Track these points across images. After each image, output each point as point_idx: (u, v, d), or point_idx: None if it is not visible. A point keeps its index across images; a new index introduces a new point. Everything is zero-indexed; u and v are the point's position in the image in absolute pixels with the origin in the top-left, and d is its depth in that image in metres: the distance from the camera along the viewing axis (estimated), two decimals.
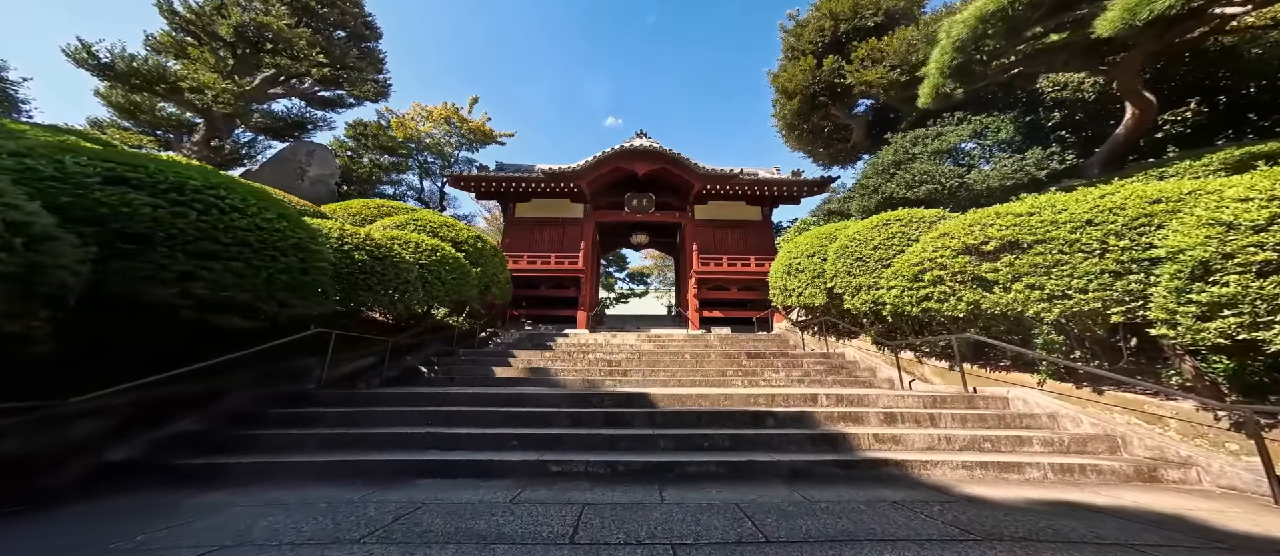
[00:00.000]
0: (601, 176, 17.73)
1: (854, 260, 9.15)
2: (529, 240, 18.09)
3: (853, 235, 9.54)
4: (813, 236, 11.77)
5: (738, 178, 17.01)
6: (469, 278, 10.84)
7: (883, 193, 13.01)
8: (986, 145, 11.81)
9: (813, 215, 17.19)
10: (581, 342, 13.12)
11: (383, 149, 21.81)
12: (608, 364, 9.86)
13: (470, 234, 12.36)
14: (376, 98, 21.35)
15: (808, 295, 11.17)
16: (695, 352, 12.00)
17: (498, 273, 12.79)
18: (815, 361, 9.86)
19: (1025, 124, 12.10)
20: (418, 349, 9.79)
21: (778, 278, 13.32)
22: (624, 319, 21.14)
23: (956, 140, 12.15)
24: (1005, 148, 11.62)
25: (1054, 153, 11.33)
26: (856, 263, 9.05)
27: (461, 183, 17.25)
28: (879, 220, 9.16)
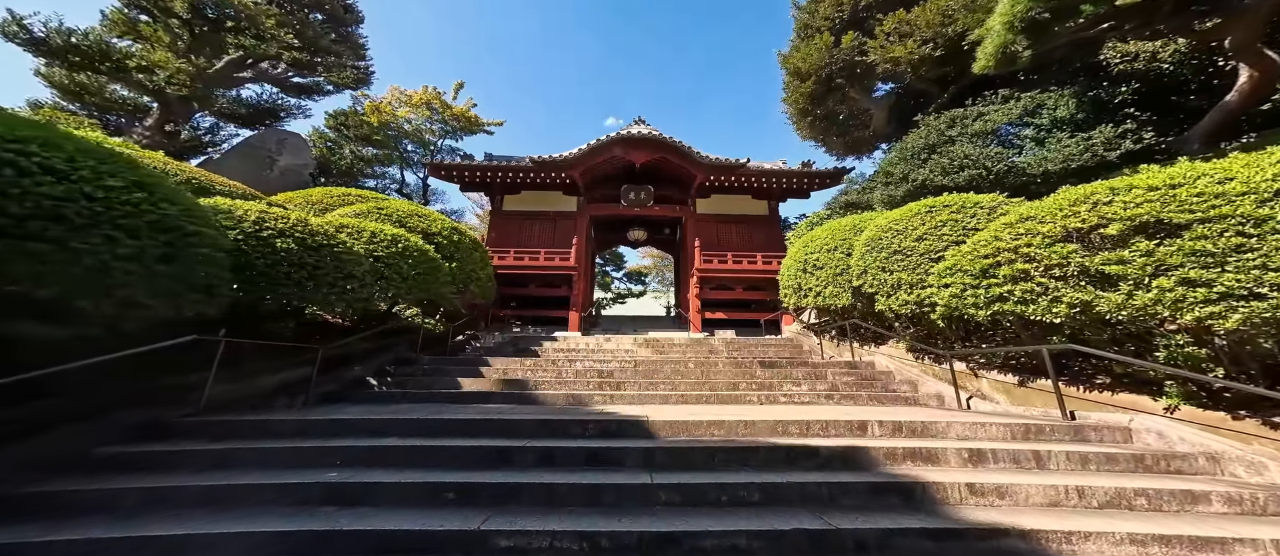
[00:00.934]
0: (596, 167, 16.19)
1: (890, 254, 7.61)
2: (517, 235, 16.53)
3: (886, 225, 8.00)
4: (833, 229, 10.24)
5: (743, 168, 15.48)
6: (440, 273, 9.29)
7: (914, 180, 11.48)
8: (1040, 125, 10.27)
9: (827, 208, 15.71)
10: (571, 347, 11.56)
11: (365, 139, 20.17)
12: (598, 374, 8.31)
13: (445, 225, 10.81)
14: (357, 85, 19.82)
15: (828, 295, 9.63)
16: (699, 359, 10.46)
17: (477, 269, 11.23)
18: (841, 371, 8.31)
19: (1088, 100, 10.64)
20: (374, 355, 8.23)
21: (790, 276, 11.78)
22: (621, 320, 19.61)
23: (1002, 120, 10.62)
24: (1064, 127, 10.08)
25: (1128, 130, 9.88)
26: (894, 257, 7.51)
27: (442, 172, 15.69)
28: (920, 208, 7.63)
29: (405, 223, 10.00)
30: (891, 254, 7.57)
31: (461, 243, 10.95)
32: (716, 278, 15.44)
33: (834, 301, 9.44)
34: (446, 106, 21.98)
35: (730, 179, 16.39)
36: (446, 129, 22.24)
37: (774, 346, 12.13)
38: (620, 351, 11.30)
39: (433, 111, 21.50)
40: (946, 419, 4.99)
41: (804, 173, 15.80)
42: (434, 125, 21.94)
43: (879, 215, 9.17)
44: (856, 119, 18.61)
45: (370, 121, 19.50)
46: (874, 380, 7.82)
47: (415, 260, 8.41)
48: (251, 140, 16.40)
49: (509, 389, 7.30)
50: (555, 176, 16.27)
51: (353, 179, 20.36)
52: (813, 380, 8.01)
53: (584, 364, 8.95)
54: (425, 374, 7.83)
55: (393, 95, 20.56)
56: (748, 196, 17.48)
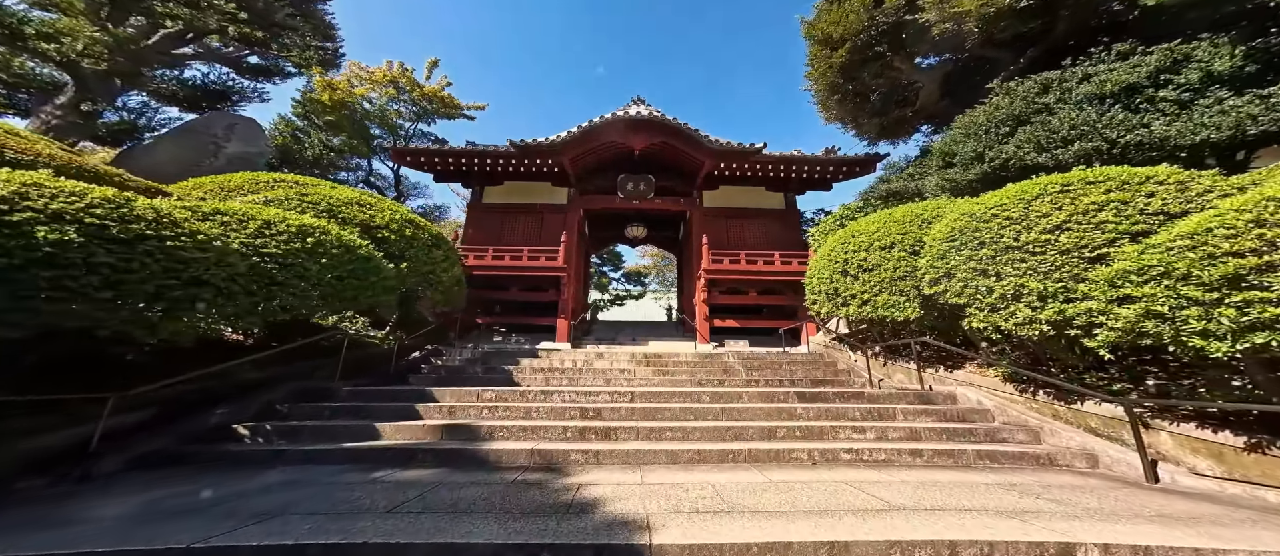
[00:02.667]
0: (589, 153, 13.86)
1: (998, 251, 5.23)
2: (499, 231, 14.17)
3: (984, 213, 5.60)
4: (886, 221, 7.88)
5: (758, 154, 13.15)
6: (378, 275, 6.93)
7: (992, 159, 9.04)
8: (1185, 84, 7.86)
9: (862, 199, 13.36)
10: (554, 367, 9.21)
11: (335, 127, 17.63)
12: (582, 413, 5.95)
13: (396, 217, 8.45)
14: (326, 69, 17.44)
15: (882, 304, 7.27)
16: (713, 384, 8.13)
17: (438, 270, 8.87)
18: (912, 408, 5.91)
19: (1258, 50, 8.09)
20: (268, 387, 5.86)
21: (822, 279, 9.43)
22: (618, 325, 17.28)
23: (1126, 79, 8.24)
24: (1223, 84, 7.67)
25: None
26: (1006, 255, 5.13)
27: (407, 157, 13.31)
28: (1042, 186, 5.20)
29: (337, 212, 7.64)
30: (1001, 251, 5.20)
31: (417, 239, 8.59)
32: (727, 280, 13.11)
33: (890, 313, 7.08)
34: (416, 85, 19.07)
35: (742, 168, 14.05)
36: (418, 111, 19.49)
37: (802, 364, 9.78)
38: (614, 371, 8.96)
39: (400, 91, 18.97)
40: (1184, 512, 2.65)
41: (831, 160, 13.42)
42: (402, 106, 19.51)
43: (958, 202, 6.85)
44: (897, 95, 15.97)
45: (322, 100, 16.93)
46: (967, 424, 5.46)
47: (333, 259, 6.04)
48: (194, 124, 14.03)
49: (449, 441, 4.94)
50: (542, 164, 13.92)
51: (323, 171, 17.98)
52: (876, 420, 5.67)
53: (565, 395, 6.57)
54: (332, 415, 5.45)
55: (352, 72, 17.87)
56: (761, 188, 15.15)
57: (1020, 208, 5.22)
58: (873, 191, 13.25)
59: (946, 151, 10.57)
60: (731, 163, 13.72)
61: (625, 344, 12.83)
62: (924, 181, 11.27)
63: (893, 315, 7.00)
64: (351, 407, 5.60)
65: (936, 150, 11.01)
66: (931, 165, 11.40)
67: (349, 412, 5.52)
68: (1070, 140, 8.32)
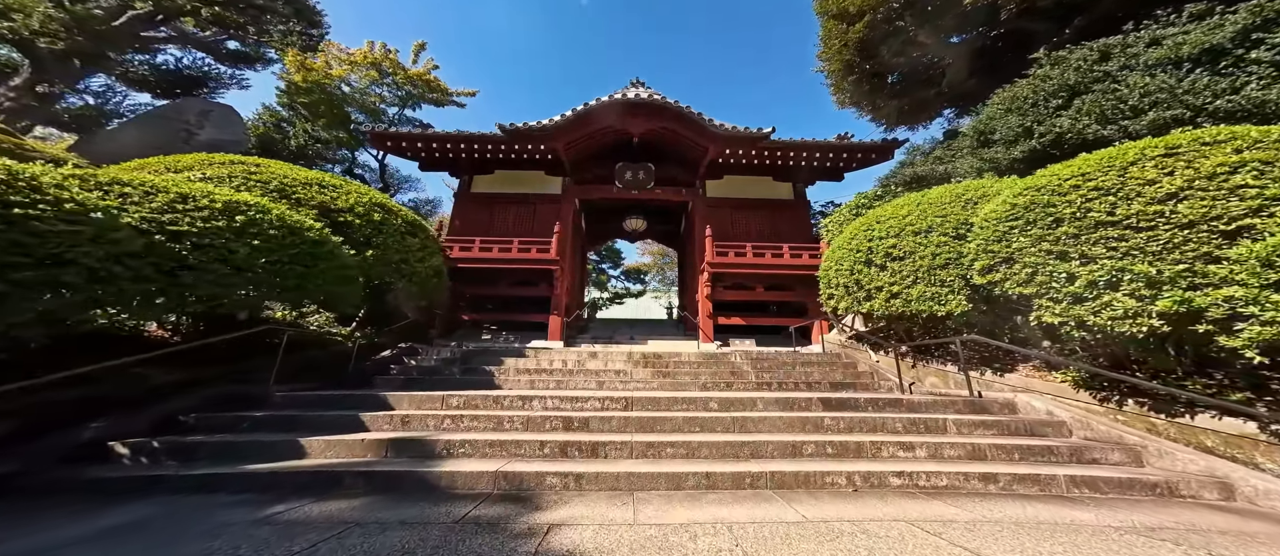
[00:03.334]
0: (585, 139, 12.83)
1: (1085, 228, 4.15)
2: (488, 221, 13.14)
3: (1063, 182, 4.51)
4: (919, 204, 6.80)
5: (765, 140, 12.10)
6: (332, 262, 5.89)
7: (1043, 133, 7.91)
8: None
9: (882, 186, 12.27)
10: (541, 368, 8.17)
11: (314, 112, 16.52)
12: (566, 423, 4.90)
13: (363, 200, 7.41)
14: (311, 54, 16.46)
15: (917, 298, 6.20)
16: (719, 387, 7.11)
17: (412, 260, 7.83)
18: (964, 418, 4.79)
19: None
20: (197, 388, 4.83)
21: (838, 271, 8.38)
22: (616, 323, 16.24)
23: (1208, 40, 7.15)
24: None
25: None
26: (1094, 233, 4.05)
27: (388, 142, 12.28)
28: (1145, 150, 4.12)
29: (291, 193, 6.59)
30: (1088, 228, 4.12)
31: (387, 224, 7.54)
32: (732, 274, 12.05)
33: (927, 307, 6.01)
34: (400, 68, 17.74)
35: (748, 155, 13.02)
36: (403, 96, 18.36)
37: (817, 365, 8.72)
38: (609, 374, 7.91)
39: (383, 74, 17.67)
40: None
41: (845, 146, 12.34)
42: (386, 91, 18.25)
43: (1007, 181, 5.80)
44: (920, 74, 14.79)
45: (295, 80, 15.85)
46: (1041, 439, 4.38)
47: (270, 242, 4.99)
48: (165, 110, 13.03)
49: (392, 461, 3.89)
50: (534, 152, 12.90)
51: (311, 160, 16.94)
52: (923, 433, 4.61)
53: (550, 401, 5.51)
54: (253, 428, 4.37)
55: (330, 52, 16.71)
56: (768, 178, 14.10)
57: (1113, 175, 4.15)
58: (894, 177, 12.12)
59: (982, 130, 9.47)
60: (737, 149, 12.70)
61: (623, 342, 11.78)
62: (955, 164, 10.17)
63: (931, 309, 5.94)
64: (281, 418, 4.54)
65: (970, 130, 9.91)
66: (963, 146, 10.31)
67: (275, 424, 4.45)
68: (1142, 110, 7.23)
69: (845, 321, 10.84)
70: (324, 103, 16.13)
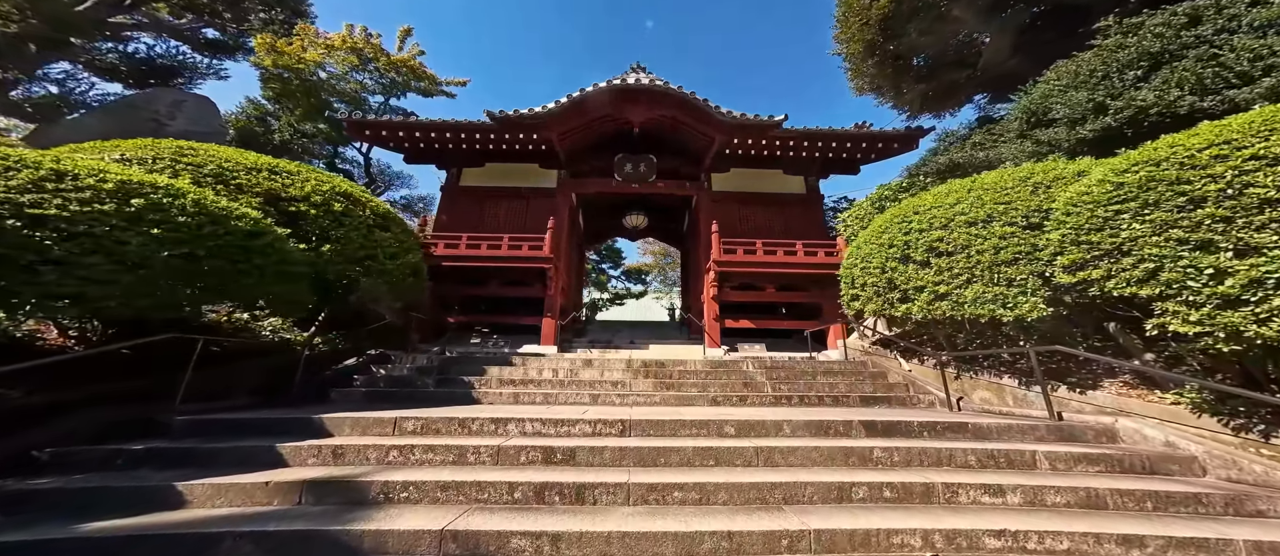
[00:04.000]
0: (581, 129, 11.81)
1: (1243, 208, 3.06)
2: (478, 217, 12.11)
3: (1197, 153, 3.43)
4: (972, 190, 5.72)
5: (776, 128, 11.05)
6: (271, 257, 4.86)
7: (1121, 108, 6.79)
8: None
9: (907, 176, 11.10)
10: (529, 377, 7.15)
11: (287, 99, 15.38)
12: (545, 458, 3.86)
13: (325, 188, 6.38)
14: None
15: (972, 297, 5.09)
16: (733, 400, 6.08)
17: (383, 256, 6.81)
18: (1063, 452, 3.59)
19: None
20: (83, 409, 3.79)
21: (865, 269, 7.31)
22: (615, 326, 15.17)
23: None
24: None
25: None
26: (1256, 215, 3.00)
27: (367, 131, 11.25)
28: None
29: (230, 178, 5.55)
30: (1247, 209, 3.05)
31: (351, 216, 6.49)
32: (741, 273, 10.98)
33: (986, 310, 4.93)
34: (382, 53, 16.39)
35: (758, 146, 11.98)
36: (387, 84, 17.13)
37: (841, 375, 7.67)
38: (605, 385, 6.87)
39: (364, 60, 16.31)
40: None
41: (864, 136, 11.26)
42: (368, 79, 16.87)
43: (1105, 161, 4.74)
44: (951, 55, 13.33)
45: (264, 64, 14.69)
46: (1170, 480, 3.29)
47: (180, 232, 3.95)
48: (133, 100, 12.08)
49: (304, 513, 2.81)
50: (526, 142, 11.88)
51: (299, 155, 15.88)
52: (1006, 470, 3.52)
53: (530, 424, 4.44)
54: (129, 465, 3.22)
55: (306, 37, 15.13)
56: (778, 171, 13.05)
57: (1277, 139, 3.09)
58: (925, 166, 10.91)
59: (1034, 110, 8.35)
60: (746, 139, 11.66)
61: (622, 347, 10.75)
62: (998, 150, 9.02)
63: (993, 313, 4.86)
64: (173, 452, 3.48)
65: (1018, 111, 8.80)
66: (1009, 129, 9.19)
67: (163, 460, 3.41)
68: (1253, 76, 6.17)
69: (866, 324, 9.79)
70: (299, 91, 15.07)
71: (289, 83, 14.80)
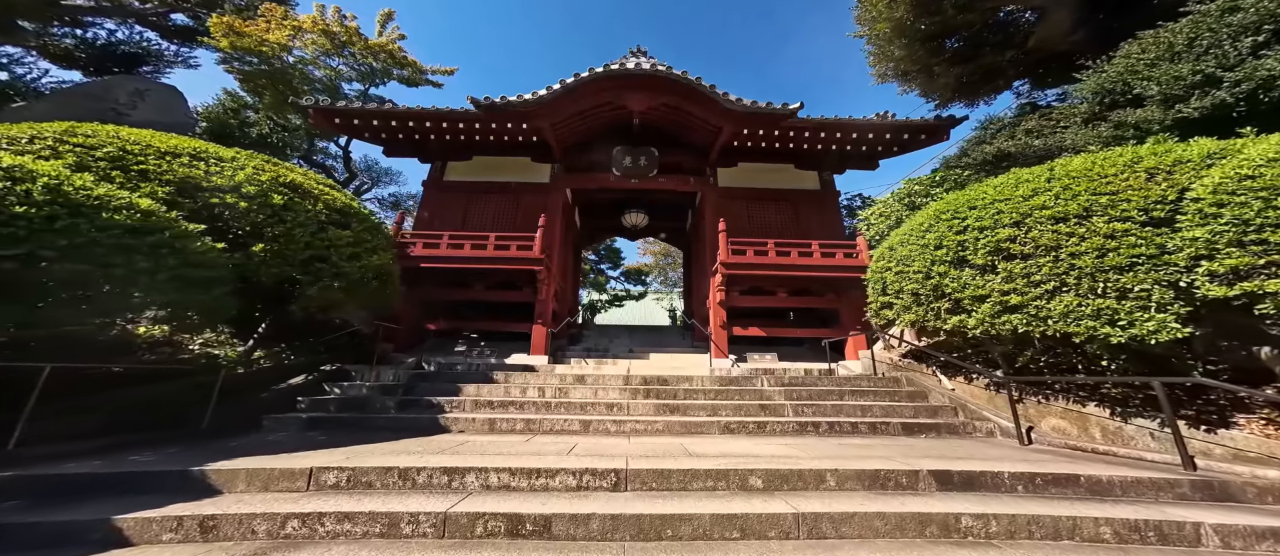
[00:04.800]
0: (576, 118, 10.77)
1: None
2: (463, 214, 11.05)
3: None
4: (1061, 178, 4.53)
5: (791, 118, 9.97)
6: (164, 263, 3.81)
7: (1239, 80, 5.66)
8: None
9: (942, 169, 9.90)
10: (511, 397, 6.08)
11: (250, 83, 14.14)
12: (508, 530, 2.79)
13: (261, 178, 5.32)
14: None
15: (1061, 313, 3.94)
16: (749, 429, 4.98)
17: (337, 257, 5.75)
18: (1234, 526, 2.46)
19: None
20: None
21: (901, 273, 6.24)
22: (614, 330, 14.09)
23: None
24: None
25: None
26: None
27: (337, 119, 10.14)
28: None
29: (131, 164, 4.51)
30: None
31: (294, 209, 5.41)
32: (750, 276, 9.90)
33: (1084, 328, 3.84)
34: (358, 37, 14.90)
35: (769, 138, 10.91)
36: (365, 71, 15.63)
37: (873, 394, 6.59)
38: (599, 409, 5.81)
39: (337, 44, 14.83)
40: None
41: (890, 125, 10.17)
42: (342, 65, 15.32)
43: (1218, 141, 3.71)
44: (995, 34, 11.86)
45: (222, 47, 13.60)
46: None
47: (12, 227, 2.92)
48: (90, 88, 11.06)
49: None
50: (515, 133, 10.84)
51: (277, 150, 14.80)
52: (1160, 545, 2.49)
53: (494, 476, 3.35)
54: None
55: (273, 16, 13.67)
56: (790, 165, 12.00)
57: None
58: (966, 157, 9.63)
59: (1110, 89, 7.21)
60: (756, 130, 10.60)
61: (620, 356, 9.69)
62: (1060, 137, 7.86)
63: (1102, 333, 3.76)
64: None
65: (1087, 91, 7.66)
66: (1073, 113, 8.08)
67: None
68: None
69: (891, 333, 8.72)
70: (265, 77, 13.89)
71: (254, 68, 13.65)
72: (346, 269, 5.80)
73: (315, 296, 5.27)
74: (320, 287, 5.35)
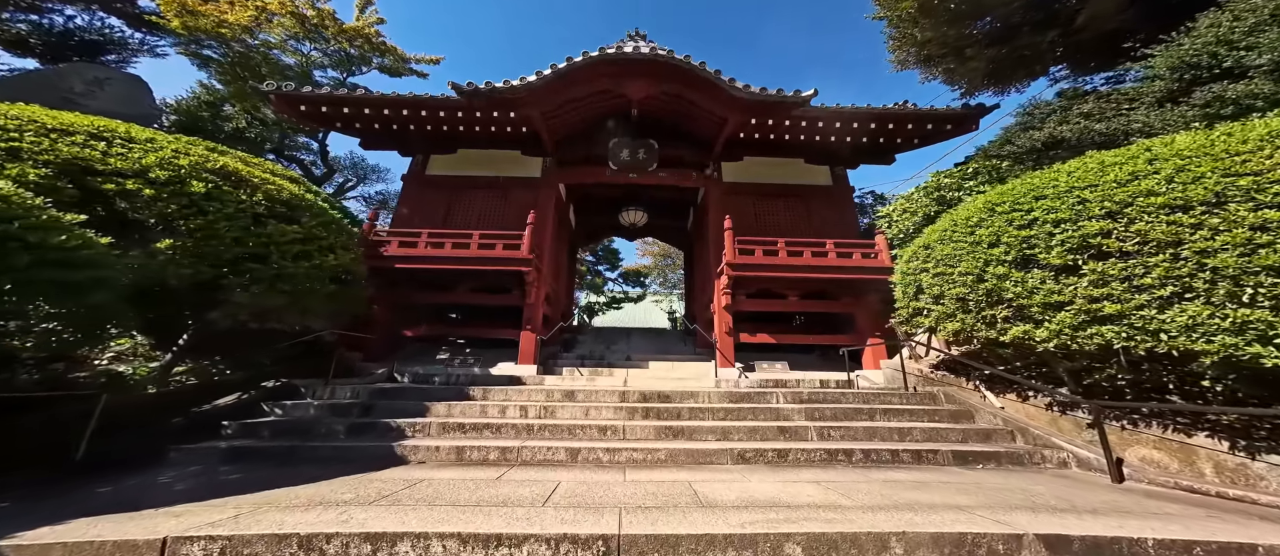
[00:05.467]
0: (569, 107, 9.87)
1: None
2: (445, 211, 10.14)
3: None
4: (1171, 157, 3.59)
5: (805, 107, 9.09)
6: (37, 257, 2.92)
7: None
8: None
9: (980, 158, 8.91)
10: (488, 419, 5.15)
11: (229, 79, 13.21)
12: None
13: (175, 161, 4.43)
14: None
15: (1179, 327, 3.03)
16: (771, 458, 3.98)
17: (277, 258, 4.84)
18: None
19: None
20: None
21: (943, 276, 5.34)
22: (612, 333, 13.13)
23: None
24: None
25: None
26: None
27: (303, 106, 9.10)
28: None
29: (22, 149, 3.63)
30: None
31: (219, 199, 4.50)
32: (759, 277, 8.99)
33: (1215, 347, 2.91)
34: (331, 21, 13.71)
35: (779, 128, 10.02)
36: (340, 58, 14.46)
37: (909, 414, 5.68)
38: (591, 431, 4.89)
39: (307, 27, 13.66)
40: None
41: (912, 115, 9.24)
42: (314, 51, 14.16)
43: None
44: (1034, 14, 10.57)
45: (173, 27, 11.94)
46: None
47: None
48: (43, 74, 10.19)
49: None
50: (503, 123, 9.92)
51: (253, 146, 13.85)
52: None
53: (435, 546, 2.50)
54: None
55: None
56: (799, 160, 11.11)
57: None
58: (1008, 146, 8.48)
59: (1191, 63, 6.30)
60: (764, 120, 9.72)
61: (617, 364, 8.79)
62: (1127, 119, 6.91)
63: (1248, 353, 2.85)
64: None
65: (1164, 65, 6.73)
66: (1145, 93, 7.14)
67: None
68: None
69: (916, 339, 7.83)
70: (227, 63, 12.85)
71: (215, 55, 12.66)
72: (291, 270, 4.88)
73: (247, 302, 4.35)
74: (257, 291, 4.42)
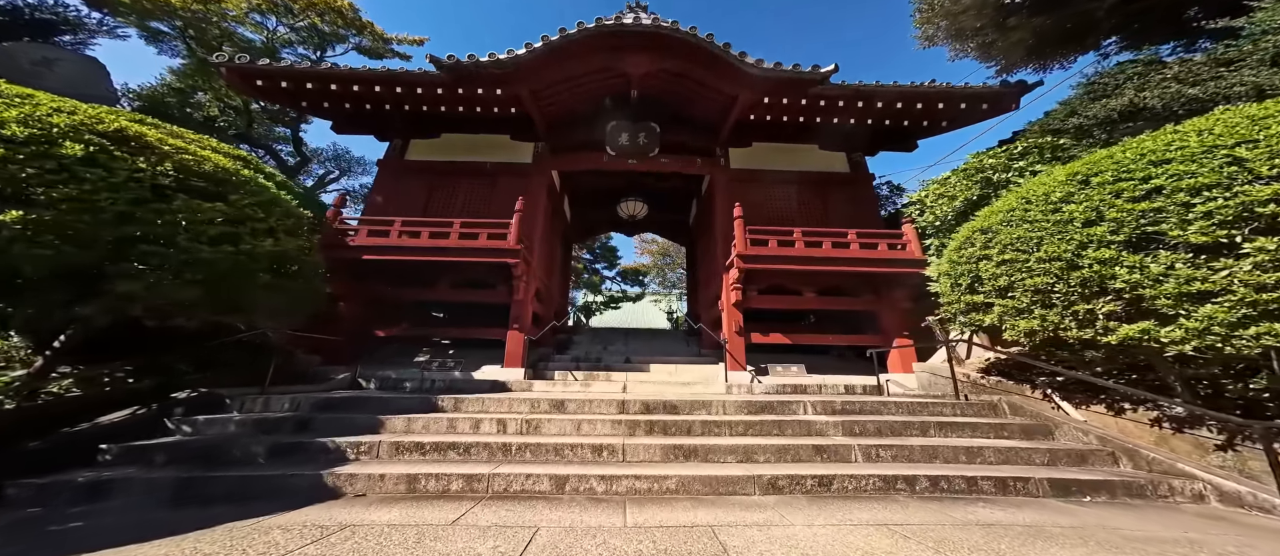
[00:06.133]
0: (562, 86, 8.86)
1: None
2: (425, 199, 9.11)
3: None
4: None
5: (824, 84, 8.11)
6: None
7: None
8: None
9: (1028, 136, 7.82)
10: (455, 438, 4.07)
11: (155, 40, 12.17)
12: None
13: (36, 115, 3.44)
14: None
15: None
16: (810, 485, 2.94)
17: (184, 243, 3.85)
18: None
19: None
20: None
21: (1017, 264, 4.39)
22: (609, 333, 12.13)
23: None
24: None
25: None
26: None
27: (259, 80, 7.86)
28: None
29: None
30: None
31: (104, 166, 3.49)
32: (773, 271, 7.98)
33: None
34: None
35: (794, 110, 9.02)
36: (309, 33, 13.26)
37: (970, 427, 4.69)
38: (583, 450, 3.86)
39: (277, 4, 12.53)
40: None
41: (944, 93, 8.22)
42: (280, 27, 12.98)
43: None
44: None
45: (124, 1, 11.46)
46: None
47: None
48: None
49: None
50: (490, 102, 8.92)
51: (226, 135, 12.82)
52: None
53: None
54: None
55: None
56: (813, 146, 10.14)
57: None
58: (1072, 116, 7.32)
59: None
60: (779, 99, 8.73)
61: (615, 368, 7.80)
62: (1224, 80, 5.91)
63: None
64: None
65: (1275, 20, 5.83)
66: (1253, 52, 6.13)
67: None
68: None
69: (958, 337, 6.84)
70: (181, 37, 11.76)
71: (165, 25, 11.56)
72: (206, 255, 3.85)
73: (139, 294, 3.34)
74: (150, 281, 3.40)
